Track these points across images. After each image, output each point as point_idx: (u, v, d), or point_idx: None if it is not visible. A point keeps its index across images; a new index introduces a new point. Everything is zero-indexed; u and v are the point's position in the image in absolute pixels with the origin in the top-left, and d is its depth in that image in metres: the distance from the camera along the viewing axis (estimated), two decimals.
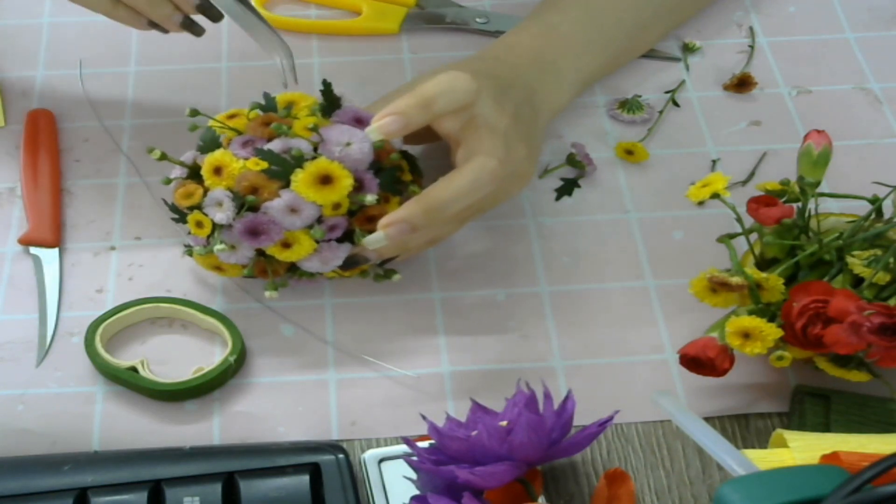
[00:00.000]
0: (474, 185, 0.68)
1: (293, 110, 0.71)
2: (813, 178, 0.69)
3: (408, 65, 0.88)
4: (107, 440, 0.67)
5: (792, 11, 0.93)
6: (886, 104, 0.86)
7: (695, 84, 0.87)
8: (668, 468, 0.66)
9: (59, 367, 0.70)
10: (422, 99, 0.67)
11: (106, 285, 0.74)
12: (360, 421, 0.68)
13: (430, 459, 0.60)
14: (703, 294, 0.66)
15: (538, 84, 0.76)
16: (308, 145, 0.68)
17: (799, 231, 0.68)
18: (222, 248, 0.68)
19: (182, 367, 0.70)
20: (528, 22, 0.81)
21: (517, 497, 0.61)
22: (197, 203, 0.69)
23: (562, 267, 0.76)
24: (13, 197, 0.79)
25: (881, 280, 0.64)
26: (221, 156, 0.69)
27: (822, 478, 0.54)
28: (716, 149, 0.83)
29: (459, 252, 0.77)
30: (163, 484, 0.62)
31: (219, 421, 0.68)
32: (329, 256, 0.68)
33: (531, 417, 0.59)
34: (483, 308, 0.74)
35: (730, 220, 0.68)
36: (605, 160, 0.82)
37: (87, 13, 0.78)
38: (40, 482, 0.62)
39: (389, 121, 0.67)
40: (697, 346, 0.65)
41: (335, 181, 0.67)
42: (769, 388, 0.70)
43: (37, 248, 0.76)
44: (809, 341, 0.63)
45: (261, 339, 0.72)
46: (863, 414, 0.66)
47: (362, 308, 0.73)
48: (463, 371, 0.70)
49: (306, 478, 0.62)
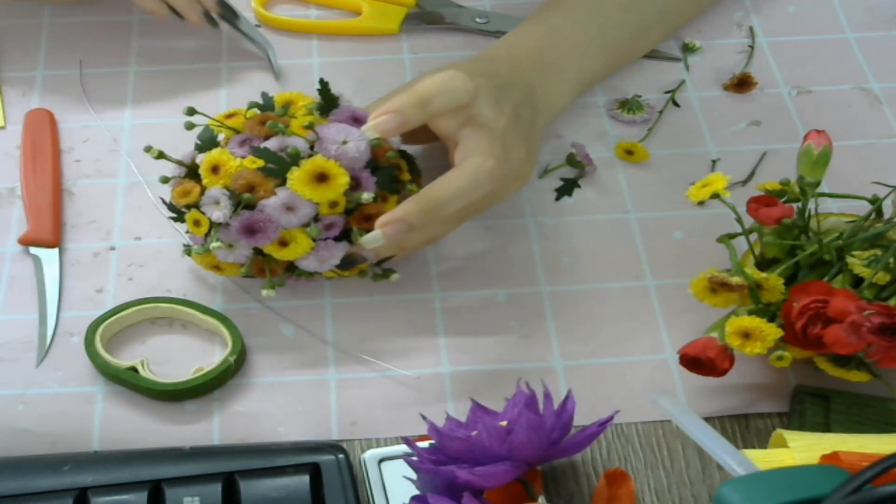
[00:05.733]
0: (472, 184, 0.68)
1: (291, 109, 0.71)
2: (813, 178, 0.69)
3: (408, 65, 0.88)
4: (107, 440, 0.67)
5: (792, 11, 0.93)
6: (886, 104, 0.86)
7: (695, 84, 0.87)
8: (668, 468, 0.66)
9: (59, 367, 0.70)
10: (418, 97, 0.67)
11: (106, 285, 0.74)
12: (360, 421, 0.68)
13: (430, 459, 0.60)
14: (702, 294, 0.66)
15: (538, 84, 0.76)
16: (304, 143, 0.68)
17: (799, 231, 0.68)
18: (219, 247, 0.68)
19: (182, 367, 0.70)
20: (529, 22, 0.81)
21: (517, 497, 0.61)
22: (194, 201, 0.69)
23: (562, 267, 0.76)
24: (13, 197, 0.79)
25: (881, 280, 0.64)
26: (219, 154, 0.69)
27: (822, 478, 0.54)
28: (716, 149, 0.83)
29: (459, 252, 0.77)
30: (163, 484, 0.62)
31: (219, 421, 0.68)
32: (326, 255, 0.68)
33: (531, 417, 0.59)
34: (483, 308, 0.74)
35: (730, 220, 0.68)
36: (605, 160, 0.82)
37: (87, 13, 0.78)
38: (40, 482, 0.62)
39: (386, 119, 0.67)
40: (697, 346, 0.65)
41: (331, 179, 0.67)
42: (769, 388, 0.70)
43: (37, 248, 0.75)
44: (809, 341, 0.63)
45: (261, 339, 0.72)
46: (863, 414, 0.66)
47: (362, 308, 0.73)
48: (463, 371, 0.70)
49: (306, 478, 0.62)
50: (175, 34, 0.90)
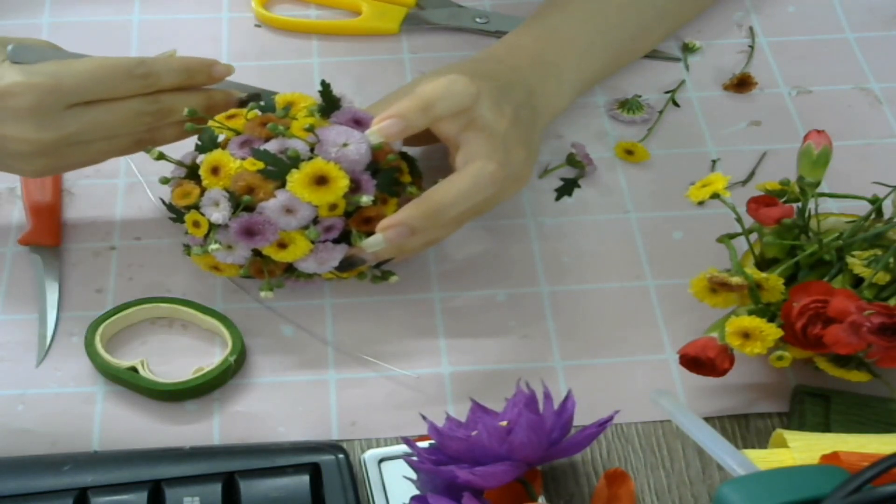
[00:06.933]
0: (473, 188, 0.68)
1: (292, 111, 0.71)
2: (813, 178, 0.69)
3: (408, 65, 0.88)
4: (107, 440, 0.67)
5: (792, 11, 0.93)
6: (886, 104, 0.86)
7: (695, 84, 0.87)
8: (668, 468, 0.66)
9: (59, 367, 0.70)
10: (422, 102, 0.67)
11: (106, 285, 0.74)
12: (360, 421, 0.68)
13: (430, 459, 0.60)
14: (702, 294, 0.66)
15: (538, 86, 0.76)
16: (305, 146, 0.68)
17: (799, 231, 0.68)
18: (217, 248, 0.68)
19: (182, 367, 0.70)
20: (529, 23, 0.81)
21: (517, 497, 0.61)
22: (194, 203, 0.69)
23: (562, 267, 0.76)
24: (13, 197, 0.79)
25: (881, 280, 0.64)
26: (219, 156, 0.69)
27: (822, 478, 0.54)
28: (716, 149, 0.83)
29: (459, 252, 0.77)
30: (163, 484, 0.62)
31: (219, 421, 0.68)
32: (325, 257, 0.68)
33: (531, 417, 0.59)
34: (483, 308, 0.74)
35: (730, 220, 0.68)
36: (605, 160, 0.82)
37: (87, 13, 0.78)
38: (40, 482, 0.62)
39: (389, 123, 0.67)
40: (697, 346, 0.65)
41: (331, 182, 0.67)
42: (769, 388, 0.70)
43: (37, 248, 0.75)
44: (809, 341, 0.63)
45: (261, 339, 0.72)
46: (863, 414, 0.66)
47: (362, 308, 0.73)
48: (463, 371, 0.70)
49: (306, 478, 0.62)
50: (175, 35, 0.90)
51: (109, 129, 0.70)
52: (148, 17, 0.91)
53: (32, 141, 0.67)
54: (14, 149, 0.68)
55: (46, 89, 0.67)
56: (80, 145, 0.69)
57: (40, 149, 0.68)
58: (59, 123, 0.67)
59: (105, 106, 0.69)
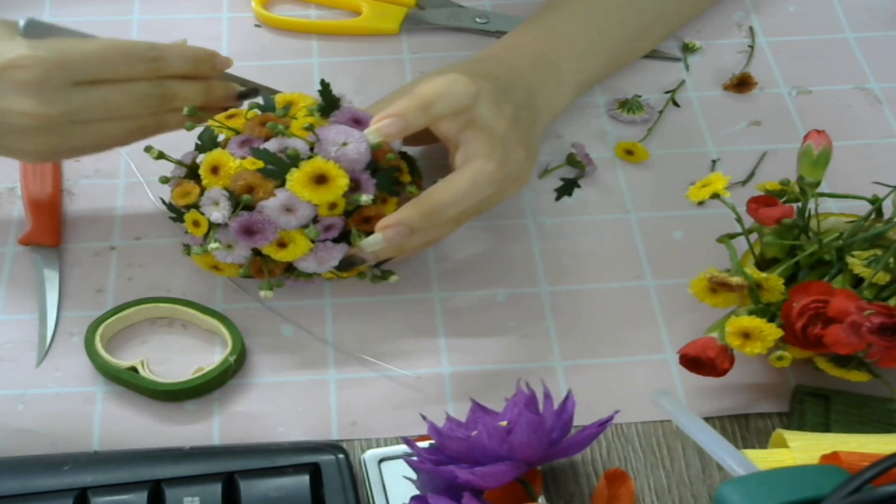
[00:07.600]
0: (473, 188, 0.68)
1: (292, 110, 0.71)
2: (813, 178, 0.69)
3: (408, 65, 0.88)
4: (107, 440, 0.67)
5: (792, 11, 0.93)
6: (886, 104, 0.86)
7: (695, 84, 0.87)
8: (668, 468, 0.66)
9: (59, 367, 0.70)
10: (421, 101, 0.67)
11: (106, 285, 0.74)
12: (360, 421, 0.68)
13: (430, 459, 0.60)
14: (702, 294, 0.66)
15: (538, 86, 0.76)
16: (304, 145, 0.68)
17: (799, 231, 0.68)
18: (217, 247, 0.68)
19: (182, 367, 0.70)
20: (529, 23, 0.81)
21: (517, 497, 0.61)
22: (194, 202, 0.69)
23: (562, 267, 0.76)
24: (13, 197, 0.79)
25: (881, 280, 0.64)
26: (219, 155, 0.69)
27: (822, 478, 0.54)
28: (716, 149, 0.83)
29: (459, 252, 0.77)
30: (163, 484, 0.62)
31: (219, 421, 0.68)
32: (325, 256, 0.68)
33: (531, 417, 0.59)
34: (483, 308, 0.74)
35: (730, 220, 0.68)
36: (605, 160, 0.82)
37: (87, 13, 0.78)
38: (40, 482, 0.62)
39: (388, 123, 0.67)
40: (697, 346, 0.65)
41: (331, 181, 0.67)
42: (769, 388, 0.70)
43: (37, 248, 0.75)
44: (809, 341, 0.63)
45: (261, 339, 0.72)
46: (863, 414, 0.66)
47: (362, 308, 0.73)
48: (463, 371, 0.70)
49: (306, 478, 0.62)
50: (175, 35, 0.90)
51: (113, 109, 0.69)
52: (148, 17, 0.91)
53: (35, 115, 0.67)
54: (16, 123, 0.67)
55: (53, 64, 0.67)
56: (83, 125, 0.69)
57: (42, 124, 0.67)
58: (62, 98, 0.67)
59: (110, 86, 0.69)
